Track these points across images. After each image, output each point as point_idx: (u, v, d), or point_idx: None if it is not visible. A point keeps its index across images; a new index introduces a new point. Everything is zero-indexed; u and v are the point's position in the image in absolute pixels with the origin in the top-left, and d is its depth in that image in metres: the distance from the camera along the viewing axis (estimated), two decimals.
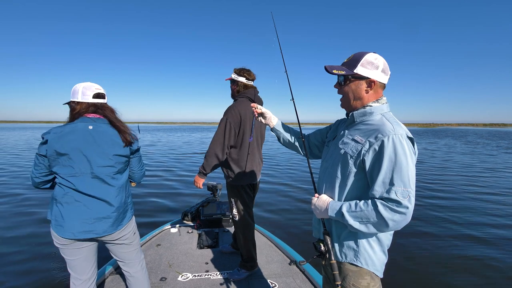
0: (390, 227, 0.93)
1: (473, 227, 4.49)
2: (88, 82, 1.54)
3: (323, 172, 1.20)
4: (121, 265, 1.71)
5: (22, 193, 6.19)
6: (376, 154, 0.96)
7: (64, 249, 1.47)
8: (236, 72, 2.22)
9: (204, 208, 3.55)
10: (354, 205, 0.97)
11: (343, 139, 1.10)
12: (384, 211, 0.91)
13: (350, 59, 1.07)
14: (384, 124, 0.98)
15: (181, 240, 2.99)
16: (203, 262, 2.53)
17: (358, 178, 1.03)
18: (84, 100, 1.49)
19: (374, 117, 1.05)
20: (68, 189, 1.42)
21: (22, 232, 4.06)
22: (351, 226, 0.98)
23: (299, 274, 2.31)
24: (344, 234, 1.07)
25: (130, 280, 1.72)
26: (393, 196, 0.90)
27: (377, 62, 1.04)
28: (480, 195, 6.42)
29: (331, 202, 1.05)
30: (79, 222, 1.41)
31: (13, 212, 4.98)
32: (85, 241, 1.49)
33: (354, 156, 1.02)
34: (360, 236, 1.04)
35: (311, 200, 1.14)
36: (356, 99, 1.08)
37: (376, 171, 0.95)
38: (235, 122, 2.08)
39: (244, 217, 2.25)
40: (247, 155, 2.17)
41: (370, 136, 0.99)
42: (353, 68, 1.04)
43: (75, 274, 1.54)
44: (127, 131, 1.56)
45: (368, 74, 1.03)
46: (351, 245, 1.06)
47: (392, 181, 0.92)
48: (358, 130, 1.06)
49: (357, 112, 1.08)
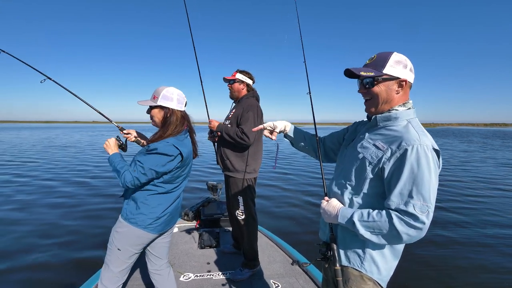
0: (403, 240, 0.90)
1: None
2: (174, 88, 1.54)
3: (336, 175, 1.15)
4: (154, 261, 1.67)
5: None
6: (397, 163, 0.91)
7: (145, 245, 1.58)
8: (242, 73, 2.33)
9: (205, 208, 3.53)
10: (367, 215, 0.93)
11: (363, 143, 1.05)
12: (398, 224, 0.87)
13: (374, 60, 1.02)
14: (409, 132, 0.93)
15: (182, 240, 2.96)
16: (205, 262, 2.50)
17: (373, 186, 0.99)
18: (179, 109, 1.54)
19: (399, 123, 0.99)
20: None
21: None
22: (361, 236, 0.94)
23: (302, 275, 2.29)
24: (350, 238, 1.04)
25: (163, 276, 1.70)
26: (411, 210, 0.86)
27: (405, 61, 0.99)
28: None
29: (341, 209, 1.01)
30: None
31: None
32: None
33: (374, 162, 0.97)
34: (368, 243, 1.00)
35: (320, 203, 1.12)
36: (385, 102, 1.01)
37: (394, 181, 0.91)
38: (260, 117, 2.22)
39: (251, 213, 2.27)
40: (261, 150, 2.35)
41: (392, 143, 0.94)
42: (381, 69, 0.99)
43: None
44: (196, 144, 1.68)
45: (399, 74, 0.98)
46: (357, 250, 1.03)
47: (411, 194, 0.87)
48: (380, 135, 1.01)
49: (381, 116, 1.03)
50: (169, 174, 1.48)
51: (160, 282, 1.69)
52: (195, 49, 2.38)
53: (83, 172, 8.64)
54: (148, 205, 1.48)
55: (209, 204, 3.63)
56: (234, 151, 2.23)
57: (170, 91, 1.51)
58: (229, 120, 2.29)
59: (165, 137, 1.47)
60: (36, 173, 8.42)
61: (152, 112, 1.53)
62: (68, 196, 5.96)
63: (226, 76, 2.36)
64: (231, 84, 2.34)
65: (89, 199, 5.77)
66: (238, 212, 2.27)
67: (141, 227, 1.47)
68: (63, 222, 4.42)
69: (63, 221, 4.48)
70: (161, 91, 1.50)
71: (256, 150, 2.28)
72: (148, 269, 1.71)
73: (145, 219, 1.47)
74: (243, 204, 2.24)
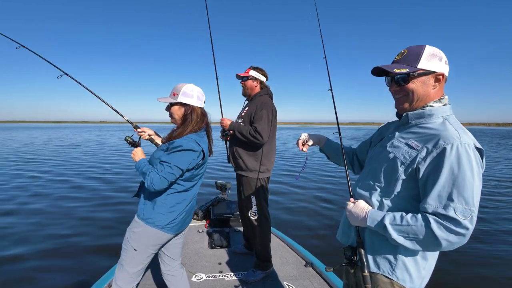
0: (443, 247, 0.83)
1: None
2: (193, 85, 1.52)
3: (364, 175, 1.09)
4: (168, 262, 1.64)
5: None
6: (434, 163, 0.85)
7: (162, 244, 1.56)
8: (255, 70, 2.28)
9: (214, 207, 3.49)
10: (399, 218, 0.87)
11: (393, 142, 0.99)
12: (437, 229, 0.80)
13: (405, 54, 0.96)
14: (447, 130, 0.87)
15: (192, 239, 2.93)
16: (216, 263, 2.46)
17: (405, 187, 0.92)
18: (199, 106, 1.52)
19: (434, 120, 0.92)
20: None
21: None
22: (393, 241, 0.88)
23: (317, 277, 2.23)
24: (379, 243, 0.97)
25: (176, 277, 1.67)
26: (451, 214, 0.80)
27: (440, 53, 0.93)
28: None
29: (370, 211, 0.95)
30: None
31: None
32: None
33: (406, 163, 0.90)
34: (400, 248, 0.93)
35: (346, 205, 1.05)
36: (420, 98, 0.95)
37: (431, 183, 0.85)
38: (274, 115, 2.18)
39: (264, 214, 2.22)
40: (275, 148, 2.30)
41: (428, 142, 0.88)
42: (415, 64, 0.92)
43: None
44: (212, 142, 1.65)
45: (435, 68, 0.92)
46: (387, 256, 0.95)
47: (450, 196, 0.81)
48: (413, 133, 0.95)
49: (413, 113, 0.96)
50: (190, 171, 1.45)
51: (173, 283, 1.66)
52: (213, 50, 2.46)
53: (98, 169, 9.04)
54: (166, 204, 1.44)
55: (218, 204, 3.59)
56: (247, 150, 2.18)
57: (190, 88, 1.49)
58: (242, 119, 2.24)
59: (185, 134, 1.44)
60: (61, 170, 8.92)
61: (172, 109, 1.50)
62: (93, 190, 6.38)
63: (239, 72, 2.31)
64: (244, 81, 2.29)
65: (112, 193, 6.11)
66: (250, 212, 2.22)
67: (158, 227, 1.44)
68: (97, 215, 4.73)
69: (97, 214, 4.79)
70: (181, 88, 1.47)
71: (270, 149, 2.23)
72: (161, 270, 1.67)
73: (162, 219, 1.44)
74: (256, 204, 2.20)
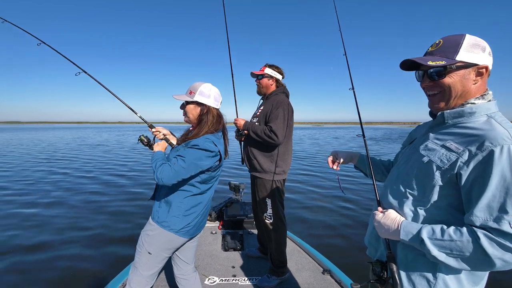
0: (497, 267, 0.71)
1: None
2: (211, 84, 1.48)
3: (392, 180, 0.97)
4: (181, 266, 1.61)
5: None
6: (480, 168, 0.73)
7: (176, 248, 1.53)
8: (271, 68, 2.20)
9: (228, 208, 3.44)
10: (440, 231, 0.76)
11: (427, 144, 0.87)
12: (489, 246, 0.69)
13: (441, 45, 0.84)
14: (493, 129, 0.74)
15: (205, 240, 2.89)
16: (230, 266, 2.40)
17: (444, 195, 0.81)
18: (215, 107, 1.49)
19: (477, 119, 0.80)
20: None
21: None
22: (433, 257, 0.77)
23: (335, 285, 2.11)
24: (413, 258, 0.85)
25: (189, 281, 1.63)
26: (505, 228, 0.68)
27: (483, 43, 0.81)
28: None
29: (404, 223, 0.84)
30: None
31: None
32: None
33: (445, 167, 0.79)
34: (440, 266, 0.81)
35: (373, 215, 0.94)
36: (458, 95, 0.83)
37: (477, 191, 0.73)
38: (290, 115, 2.09)
39: (280, 217, 2.14)
40: (291, 149, 2.21)
41: (471, 143, 0.76)
42: (454, 55, 0.81)
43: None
44: (228, 144, 1.60)
45: (477, 60, 0.80)
46: (424, 273, 0.83)
47: (504, 207, 0.70)
48: (451, 134, 0.83)
49: (450, 112, 0.84)
50: (207, 173, 1.41)
51: (186, 287, 1.61)
52: (229, 49, 2.41)
53: (121, 167, 9.53)
54: (182, 207, 1.40)
55: (232, 205, 3.53)
56: (261, 151, 2.10)
57: (207, 87, 1.44)
58: (257, 118, 2.17)
59: (201, 135, 1.39)
60: (89, 167, 9.43)
61: (187, 107, 1.46)
62: (120, 186, 6.73)
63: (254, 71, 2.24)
64: (259, 80, 2.22)
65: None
66: (266, 215, 2.14)
67: (173, 231, 1.40)
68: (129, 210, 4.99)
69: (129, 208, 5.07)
70: (198, 86, 1.42)
71: (286, 149, 2.14)
72: (174, 273, 1.63)
73: (177, 222, 1.40)
74: (272, 207, 2.11)
